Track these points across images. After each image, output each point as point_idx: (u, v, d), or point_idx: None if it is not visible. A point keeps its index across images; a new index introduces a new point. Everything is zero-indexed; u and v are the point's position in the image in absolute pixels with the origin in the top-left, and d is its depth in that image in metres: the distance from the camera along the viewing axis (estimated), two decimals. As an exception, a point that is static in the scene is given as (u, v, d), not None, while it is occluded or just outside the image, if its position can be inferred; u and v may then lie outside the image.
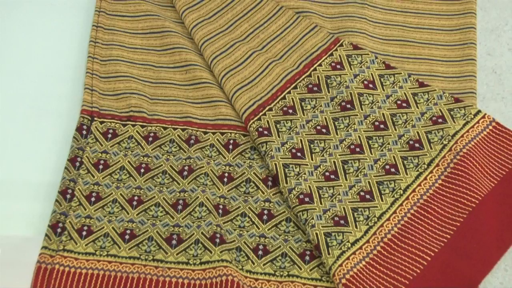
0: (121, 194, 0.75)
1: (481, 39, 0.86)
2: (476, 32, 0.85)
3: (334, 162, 0.76)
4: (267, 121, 0.78)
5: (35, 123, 0.82)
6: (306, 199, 0.73)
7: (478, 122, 0.78)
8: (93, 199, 0.75)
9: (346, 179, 0.75)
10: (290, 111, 0.79)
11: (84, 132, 0.79)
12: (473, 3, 0.87)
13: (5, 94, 0.84)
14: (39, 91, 0.84)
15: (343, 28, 0.86)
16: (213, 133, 0.79)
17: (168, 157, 0.78)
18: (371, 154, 0.76)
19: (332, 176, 0.75)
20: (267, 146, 0.76)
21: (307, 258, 0.72)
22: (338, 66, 0.82)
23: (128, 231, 0.73)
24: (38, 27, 0.89)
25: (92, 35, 0.86)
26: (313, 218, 0.72)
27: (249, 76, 0.82)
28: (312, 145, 0.77)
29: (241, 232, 0.73)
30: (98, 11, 0.88)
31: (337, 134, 0.78)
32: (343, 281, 0.68)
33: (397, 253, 0.70)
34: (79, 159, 0.77)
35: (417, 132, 0.77)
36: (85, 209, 0.74)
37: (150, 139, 0.79)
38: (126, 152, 0.78)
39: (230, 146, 0.79)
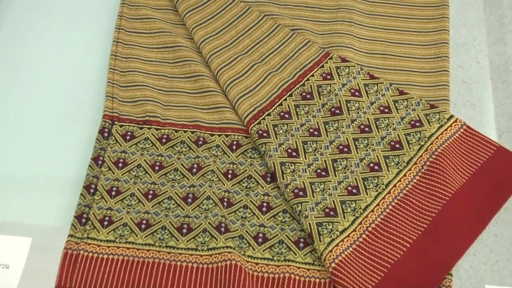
0: (138, 188, 0.75)
1: (453, 53, 0.86)
2: (449, 47, 0.85)
3: (325, 160, 0.76)
4: (266, 125, 0.78)
5: (63, 127, 0.82)
6: (300, 193, 0.73)
7: (451, 125, 0.78)
8: (113, 193, 0.75)
9: (336, 176, 0.75)
10: (286, 116, 0.79)
11: (106, 134, 0.79)
12: (446, 22, 0.87)
13: (39, 102, 0.84)
14: (67, 99, 0.84)
15: (333, 43, 0.86)
16: (219, 135, 0.79)
17: (179, 156, 0.78)
18: (357, 153, 0.76)
19: (323, 173, 0.75)
20: (266, 146, 0.76)
21: (301, 245, 0.72)
22: (328, 77, 0.82)
23: (144, 221, 0.73)
24: (67, 43, 0.89)
25: (112, 49, 0.86)
26: (306, 210, 0.72)
27: (250, 85, 0.82)
28: (305, 146, 0.77)
29: (243, 222, 0.73)
30: (118, 29, 0.88)
31: (327, 136, 0.78)
32: (333, 265, 0.68)
33: (380, 240, 0.70)
34: (101, 158, 0.77)
35: (398, 134, 0.77)
36: (107, 202, 0.74)
37: (164, 140, 0.79)
38: (143, 152, 0.78)
39: (234, 147, 0.79)
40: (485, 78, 0.85)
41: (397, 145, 0.77)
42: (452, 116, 0.79)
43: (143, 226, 0.73)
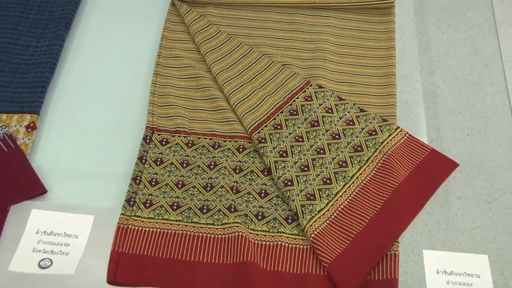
0: (171, 180, 0.75)
1: (398, 82, 0.86)
2: (395, 78, 0.85)
3: (307, 159, 0.75)
4: (264, 133, 0.78)
5: (118, 134, 0.81)
6: (289, 183, 0.72)
7: (397, 134, 0.78)
8: (153, 183, 0.74)
9: (314, 170, 0.74)
10: (279, 127, 0.79)
11: (148, 140, 0.78)
12: (393, 59, 0.87)
13: (101, 117, 0.83)
14: (120, 115, 0.84)
15: (312, 75, 0.85)
16: (230, 141, 0.79)
17: (201, 156, 0.77)
18: (330, 154, 0.76)
19: (305, 169, 0.74)
20: (264, 149, 0.76)
21: (290, 220, 0.71)
22: (309, 99, 0.82)
23: (175, 203, 0.72)
24: (122, 75, 0.89)
25: (153, 79, 0.85)
26: (293, 195, 0.71)
27: (252, 105, 0.81)
28: (292, 149, 0.76)
29: (247, 204, 0.73)
30: (157, 64, 0.87)
31: (308, 141, 0.77)
32: (313, 235, 0.67)
33: (346, 217, 0.70)
34: (144, 157, 0.76)
35: (359, 140, 0.77)
36: (148, 189, 0.73)
37: (189, 145, 0.78)
38: (174, 153, 0.77)
39: (240, 149, 0.78)
40: (420, 100, 0.84)
41: (359, 148, 0.76)
42: (398, 127, 0.78)
43: (174, 207, 0.72)
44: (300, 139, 0.78)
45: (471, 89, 0.85)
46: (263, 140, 0.77)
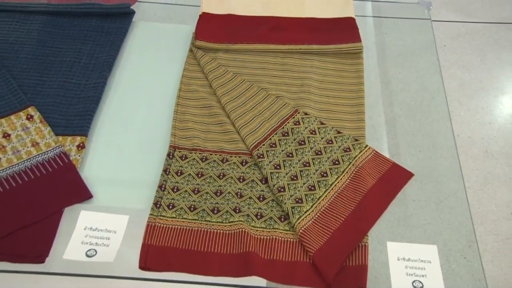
0: (189, 187, 0.77)
1: (366, 110, 0.88)
2: (364, 107, 0.88)
3: (296, 171, 0.78)
4: (262, 151, 0.80)
5: (147, 151, 0.83)
6: (282, 190, 0.75)
7: (366, 151, 0.81)
8: (175, 189, 0.76)
9: (302, 179, 0.77)
10: (274, 145, 0.81)
11: (171, 156, 0.80)
12: (362, 92, 0.90)
13: (134, 138, 0.85)
14: (149, 136, 0.86)
15: (299, 104, 0.88)
16: (235, 157, 0.81)
17: (212, 168, 0.79)
18: (314, 166, 0.78)
19: (295, 178, 0.77)
20: (262, 163, 0.78)
21: (282, 219, 0.73)
22: (297, 123, 0.85)
23: (192, 206, 0.74)
24: (148, 105, 0.91)
25: (175, 108, 0.88)
26: (285, 199, 0.73)
27: (253, 128, 0.84)
28: (284, 162, 0.79)
29: (249, 206, 0.75)
30: (178, 96, 0.90)
31: (297, 157, 0.80)
32: (301, 231, 0.69)
33: (327, 216, 0.72)
34: (168, 169, 0.79)
35: (337, 156, 0.80)
36: (171, 195, 0.75)
37: (203, 159, 0.80)
38: (191, 166, 0.79)
39: (243, 163, 0.80)
40: (383, 124, 0.87)
41: (336, 162, 0.79)
42: (367, 145, 0.81)
43: (191, 208, 0.74)
44: (290, 155, 0.80)
45: (421, 116, 0.89)
46: (261, 156, 0.79)
